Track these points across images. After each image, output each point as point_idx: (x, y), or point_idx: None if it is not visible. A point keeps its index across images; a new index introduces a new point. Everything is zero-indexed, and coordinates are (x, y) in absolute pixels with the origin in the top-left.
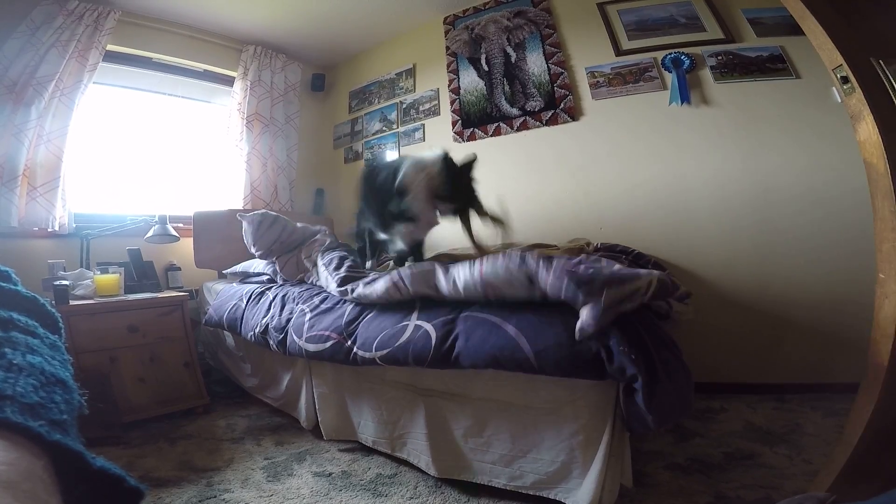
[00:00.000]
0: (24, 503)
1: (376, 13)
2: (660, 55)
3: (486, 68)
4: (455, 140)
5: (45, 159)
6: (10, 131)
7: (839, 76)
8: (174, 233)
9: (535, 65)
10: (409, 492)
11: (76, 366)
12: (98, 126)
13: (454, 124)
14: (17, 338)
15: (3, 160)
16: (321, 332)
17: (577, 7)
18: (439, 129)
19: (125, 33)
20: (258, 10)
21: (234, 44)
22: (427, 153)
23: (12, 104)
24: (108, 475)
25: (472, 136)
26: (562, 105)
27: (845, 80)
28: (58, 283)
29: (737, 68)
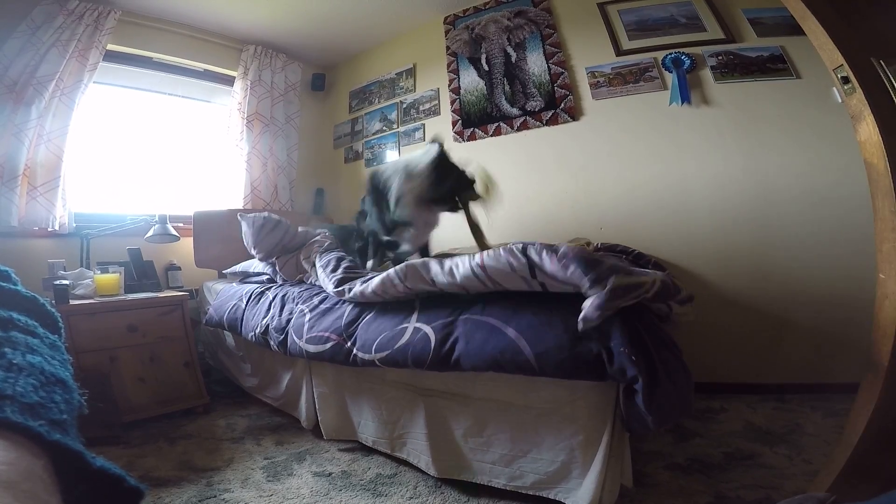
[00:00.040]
0: (24, 503)
1: (376, 13)
2: (660, 55)
3: (486, 68)
4: (455, 140)
5: (46, 159)
6: (10, 131)
7: (840, 76)
8: (174, 232)
9: (536, 65)
10: (409, 492)
11: (76, 365)
12: (98, 126)
13: (454, 124)
14: (16, 337)
15: (4, 160)
16: (321, 334)
17: (577, 7)
18: (439, 128)
19: (125, 33)
20: (258, 9)
21: (234, 43)
22: (418, 154)
23: (12, 104)
24: (108, 475)
25: (472, 136)
26: (562, 105)
27: (846, 81)
28: (58, 282)
29: (737, 68)
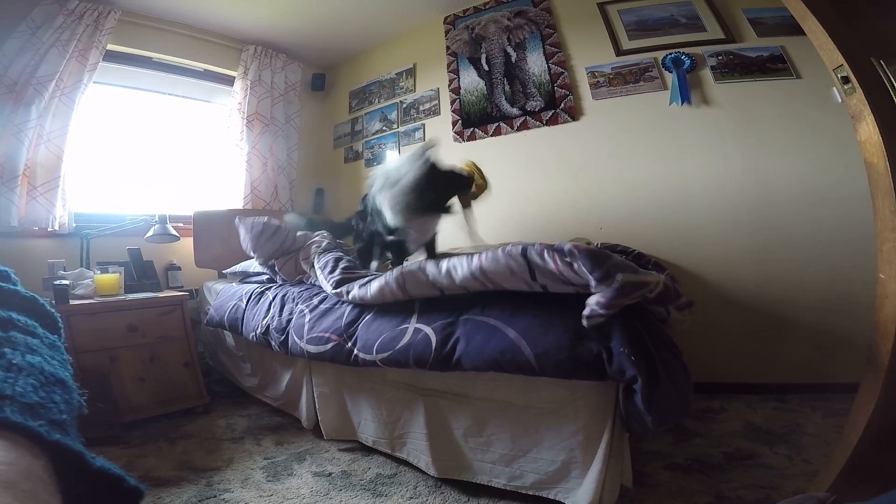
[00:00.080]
0: (24, 503)
1: (376, 13)
2: (660, 55)
3: (486, 68)
4: (455, 140)
5: (46, 159)
6: (10, 131)
7: (840, 76)
8: (174, 232)
9: (536, 65)
10: (409, 492)
11: (76, 365)
12: (98, 126)
13: (454, 124)
14: (16, 338)
15: (4, 160)
16: (321, 334)
17: (577, 7)
18: (439, 128)
19: (125, 33)
20: (258, 9)
21: (234, 43)
22: (404, 162)
23: (12, 104)
24: (108, 475)
25: (472, 136)
26: (562, 105)
27: (846, 81)
28: (58, 282)
29: (737, 68)
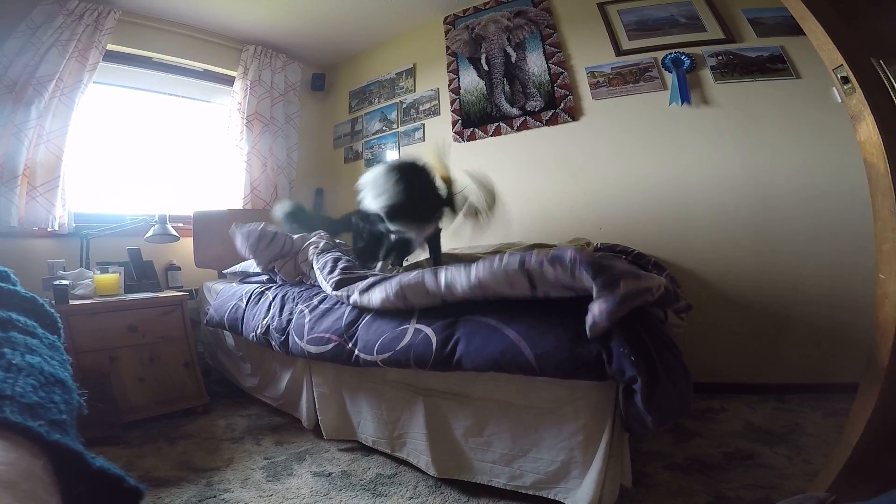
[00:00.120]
0: (23, 503)
1: (376, 13)
2: (660, 55)
3: (486, 68)
4: (455, 140)
5: (45, 159)
6: (10, 131)
7: (839, 76)
8: (174, 232)
9: (536, 65)
10: (409, 492)
11: (76, 365)
12: (98, 126)
13: (454, 124)
14: (16, 338)
15: (3, 160)
16: (322, 335)
17: (577, 7)
18: (439, 128)
19: (125, 33)
20: (258, 9)
21: (234, 43)
22: (380, 178)
23: (12, 104)
24: (108, 475)
25: (472, 136)
26: (562, 105)
27: (846, 81)
28: (57, 282)
29: (737, 68)
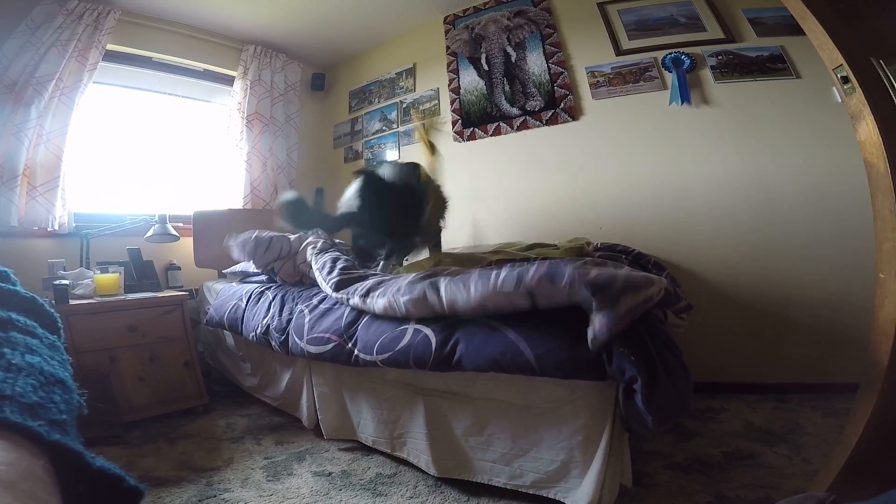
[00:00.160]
0: (23, 503)
1: (376, 13)
2: (660, 55)
3: (486, 68)
4: (455, 140)
5: (45, 159)
6: (9, 131)
7: (839, 76)
8: (174, 232)
9: (536, 64)
10: (409, 491)
11: (76, 365)
12: (98, 125)
13: (454, 124)
14: (15, 338)
15: (3, 160)
16: (321, 335)
17: (577, 7)
18: (439, 128)
19: (125, 33)
20: (258, 9)
21: (234, 43)
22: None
23: (12, 104)
24: (108, 475)
25: (472, 136)
26: (562, 105)
27: (846, 80)
28: (58, 282)
29: (737, 68)
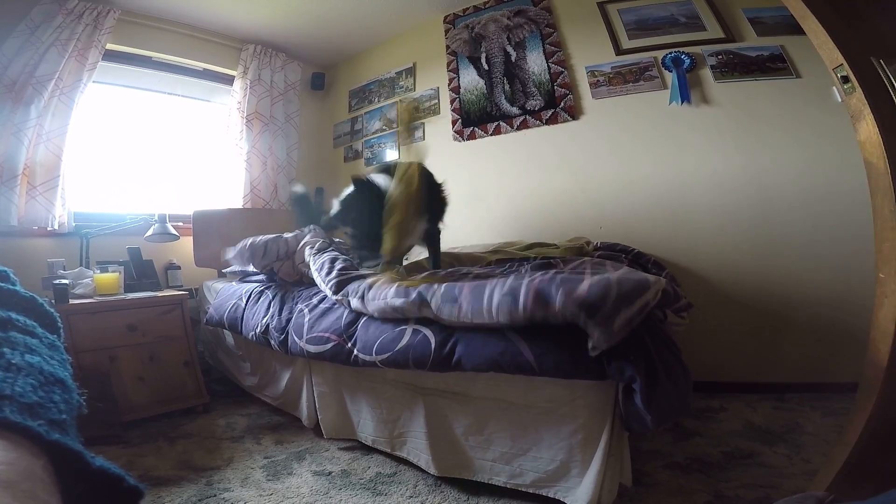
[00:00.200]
0: (23, 503)
1: (376, 12)
2: (660, 54)
3: (486, 67)
4: (455, 139)
5: (45, 158)
6: (9, 130)
7: (840, 76)
8: (174, 231)
9: (536, 64)
10: (409, 490)
11: (76, 365)
12: (98, 125)
13: (454, 123)
14: (15, 338)
15: (3, 159)
16: (321, 334)
17: (577, 6)
18: (439, 128)
19: (125, 32)
20: (258, 9)
21: (233, 42)
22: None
23: (12, 103)
24: (108, 474)
25: (472, 135)
26: (562, 104)
27: (846, 80)
28: (57, 281)
29: (737, 68)
